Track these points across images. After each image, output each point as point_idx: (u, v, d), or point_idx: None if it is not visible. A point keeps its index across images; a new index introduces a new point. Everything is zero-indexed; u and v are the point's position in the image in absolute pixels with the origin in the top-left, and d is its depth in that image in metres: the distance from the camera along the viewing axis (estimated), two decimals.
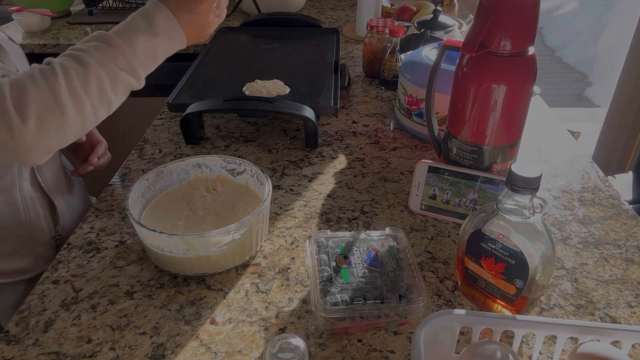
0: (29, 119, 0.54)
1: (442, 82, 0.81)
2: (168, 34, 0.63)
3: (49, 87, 0.56)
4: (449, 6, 1.54)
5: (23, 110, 0.54)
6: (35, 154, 0.57)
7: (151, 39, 0.62)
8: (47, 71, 0.57)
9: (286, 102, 0.94)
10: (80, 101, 0.57)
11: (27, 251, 0.82)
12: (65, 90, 0.56)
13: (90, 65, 0.58)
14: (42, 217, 0.83)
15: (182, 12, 0.64)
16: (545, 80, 3.66)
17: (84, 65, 0.58)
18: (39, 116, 0.55)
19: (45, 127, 0.56)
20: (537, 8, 0.66)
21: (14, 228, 0.79)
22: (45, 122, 0.55)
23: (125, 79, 0.61)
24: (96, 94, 0.59)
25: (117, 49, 0.60)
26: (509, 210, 0.55)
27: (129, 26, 0.62)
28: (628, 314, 0.63)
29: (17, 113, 0.54)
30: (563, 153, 0.97)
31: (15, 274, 0.81)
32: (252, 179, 0.76)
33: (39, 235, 0.83)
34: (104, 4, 1.81)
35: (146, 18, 0.62)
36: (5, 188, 0.76)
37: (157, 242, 0.64)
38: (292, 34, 1.36)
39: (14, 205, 0.78)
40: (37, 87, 0.55)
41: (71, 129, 0.58)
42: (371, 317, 0.58)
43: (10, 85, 0.55)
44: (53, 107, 0.56)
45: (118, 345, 0.58)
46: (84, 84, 0.57)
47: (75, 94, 0.57)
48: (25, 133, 0.54)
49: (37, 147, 0.56)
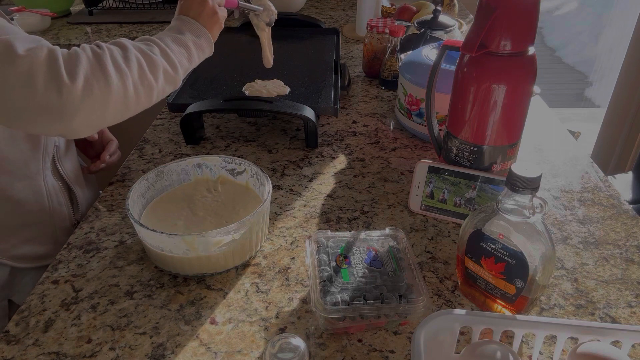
0: (77, 79, 0.58)
1: (442, 82, 0.81)
2: (193, 33, 0.74)
3: (95, 57, 0.62)
4: (449, 6, 1.54)
5: (73, 71, 0.59)
6: (79, 120, 0.60)
7: (179, 37, 0.72)
8: (94, 47, 0.64)
9: (286, 102, 0.94)
10: (122, 74, 0.63)
11: (49, 237, 0.85)
12: (109, 61, 0.62)
13: (129, 48, 0.66)
14: (63, 204, 0.86)
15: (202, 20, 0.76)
16: (545, 80, 3.67)
17: (123, 47, 0.66)
18: (86, 79, 0.59)
19: (91, 92, 0.59)
20: (537, 8, 0.66)
21: (38, 214, 0.82)
22: (92, 87, 0.60)
23: (161, 64, 0.68)
24: (137, 72, 0.65)
25: (151, 41, 0.70)
26: (509, 210, 0.55)
27: (158, 34, 0.73)
28: (628, 314, 0.63)
29: (67, 74, 0.58)
30: (563, 153, 0.97)
31: (37, 259, 0.83)
32: (252, 179, 0.76)
33: (60, 221, 0.86)
34: (104, 4, 1.81)
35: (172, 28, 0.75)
36: (31, 175, 0.79)
37: (157, 242, 0.64)
38: (292, 34, 1.36)
39: (39, 193, 0.81)
40: (87, 55, 0.61)
41: (115, 100, 0.62)
42: (371, 317, 0.58)
43: (62, 51, 0.61)
44: (99, 74, 0.61)
45: (118, 345, 0.58)
46: (125, 61, 0.64)
47: (118, 66, 0.63)
48: (73, 94, 0.58)
49: (82, 113, 0.60)
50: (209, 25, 0.76)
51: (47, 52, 0.59)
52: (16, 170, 0.77)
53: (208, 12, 0.76)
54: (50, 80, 0.57)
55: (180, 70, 0.71)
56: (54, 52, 0.59)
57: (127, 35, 1.58)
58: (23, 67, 0.57)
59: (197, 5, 0.76)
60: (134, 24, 1.69)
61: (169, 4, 1.80)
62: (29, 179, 0.79)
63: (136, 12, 1.78)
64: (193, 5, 0.76)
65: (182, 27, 0.74)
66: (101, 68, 0.61)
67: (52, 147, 0.82)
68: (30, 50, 0.58)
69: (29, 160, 0.78)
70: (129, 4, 1.81)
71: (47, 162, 0.82)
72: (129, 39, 0.69)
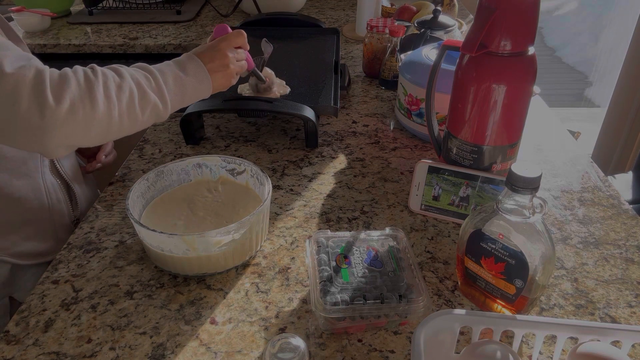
0: (62, 102, 0.58)
1: (442, 82, 0.81)
2: (197, 77, 0.73)
3: (86, 81, 0.61)
4: (449, 6, 1.54)
5: (59, 93, 0.58)
6: (57, 140, 0.60)
7: (182, 77, 0.71)
8: (88, 71, 0.63)
9: (286, 102, 0.94)
10: (111, 103, 0.62)
11: (49, 234, 0.85)
12: (101, 89, 0.62)
13: (126, 78, 0.65)
14: (62, 201, 0.86)
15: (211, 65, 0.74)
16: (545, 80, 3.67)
17: (121, 76, 0.65)
18: (72, 103, 0.59)
19: (74, 115, 0.59)
20: (537, 8, 0.66)
21: (38, 211, 0.82)
22: (76, 110, 0.59)
23: (153, 100, 0.67)
24: (126, 104, 0.64)
25: (151, 74, 0.68)
26: (509, 210, 0.55)
27: (162, 65, 0.72)
28: (628, 314, 0.63)
29: (53, 95, 0.58)
30: (563, 153, 0.97)
31: (37, 256, 0.83)
32: (252, 179, 0.76)
33: (60, 218, 0.86)
34: (104, 4, 1.81)
35: (178, 63, 0.73)
36: (30, 173, 0.80)
37: (157, 242, 0.64)
38: (292, 34, 1.35)
39: (38, 190, 0.81)
40: (77, 78, 0.61)
41: (96, 127, 0.62)
42: (371, 317, 0.58)
43: (51, 72, 0.60)
44: (86, 99, 0.60)
45: (118, 345, 0.58)
46: (118, 91, 0.63)
47: (108, 95, 0.62)
48: (56, 115, 0.58)
49: (61, 134, 0.59)
50: (215, 75, 0.75)
51: (34, 72, 0.58)
52: (15, 168, 0.77)
53: (221, 62, 0.76)
54: (34, 100, 0.57)
55: (170, 108, 0.70)
56: (42, 73, 0.58)
57: (127, 35, 1.58)
58: (8, 85, 0.56)
59: (213, 53, 0.75)
60: (134, 24, 1.69)
61: (169, 4, 1.80)
62: (27, 177, 0.79)
63: (136, 12, 1.78)
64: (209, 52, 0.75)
65: (188, 67, 0.72)
66: (90, 94, 0.60)
67: None
68: (18, 69, 0.57)
69: (27, 158, 0.79)
70: (129, 4, 1.81)
71: (45, 160, 0.82)
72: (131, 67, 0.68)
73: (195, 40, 1.52)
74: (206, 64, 0.74)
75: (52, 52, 1.54)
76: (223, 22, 0.91)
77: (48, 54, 1.54)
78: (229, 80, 0.78)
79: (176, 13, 1.74)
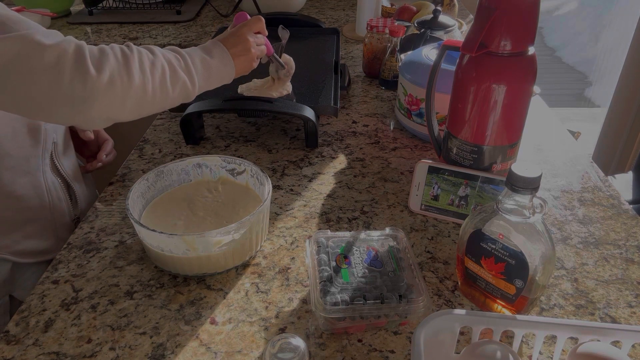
0: (103, 72, 0.61)
1: (442, 82, 0.81)
2: (222, 61, 0.77)
3: (123, 56, 0.64)
4: (449, 6, 1.54)
5: (99, 65, 0.61)
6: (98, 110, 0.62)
7: (208, 59, 0.75)
8: (124, 47, 0.66)
9: (286, 102, 0.94)
10: (145, 77, 0.66)
11: (49, 233, 0.85)
12: (137, 63, 0.65)
13: (158, 56, 0.69)
14: (62, 200, 0.87)
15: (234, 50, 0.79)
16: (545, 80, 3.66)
17: (154, 54, 0.69)
18: (111, 74, 0.62)
19: (113, 86, 0.62)
20: (537, 8, 0.66)
21: (38, 210, 0.82)
22: (115, 81, 0.62)
23: (182, 78, 0.70)
24: (158, 80, 0.67)
25: (180, 55, 0.72)
26: (509, 210, 0.55)
27: (189, 49, 0.76)
28: (628, 314, 0.63)
29: (94, 66, 0.60)
30: (563, 153, 0.97)
31: (38, 255, 0.84)
32: (252, 179, 0.76)
33: (60, 217, 0.86)
34: (104, 4, 1.81)
35: (203, 48, 0.77)
36: (31, 171, 0.80)
37: (157, 242, 0.64)
38: (292, 34, 1.35)
39: (39, 188, 0.82)
40: (114, 53, 0.64)
41: (131, 99, 0.65)
42: (371, 317, 0.58)
43: (90, 46, 0.63)
44: (123, 72, 0.63)
45: (118, 345, 0.58)
46: (152, 67, 0.67)
47: (143, 69, 0.65)
48: (97, 85, 0.60)
49: (101, 105, 0.62)
50: (238, 59, 0.79)
51: (75, 45, 0.60)
52: (17, 167, 0.78)
53: (243, 47, 0.80)
54: (77, 70, 0.59)
55: (197, 88, 0.73)
56: (81, 46, 0.61)
57: (127, 35, 1.58)
58: (52, 57, 0.58)
59: (235, 38, 0.80)
60: (134, 24, 1.69)
61: (169, 4, 1.80)
62: (29, 175, 0.80)
63: (136, 12, 1.78)
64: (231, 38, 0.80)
65: (214, 51, 0.76)
66: (127, 68, 0.63)
67: (50, 144, 0.83)
68: (58, 42, 0.59)
69: (29, 156, 0.79)
70: (129, 4, 1.81)
71: (46, 159, 0.83)
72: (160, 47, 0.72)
73: (195, 40, 1.51)
74: (229, 49, 0.78)
75: None
76: (223, 23, 0.91)
77: None
78: (251, 64, 0.82)
79: (176, 13, 1.74)
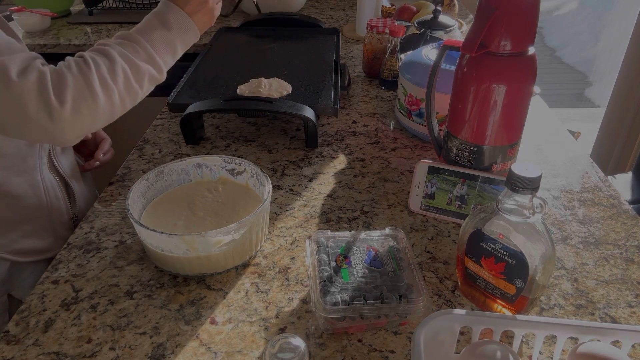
0: (65, 102, 0.62)
1: (442, 82, 0.81)
2: (181, 27, 0.73)
3: (83, 76, 0.64)
4: (449, 6, 1.54)
5: (61, 95, 0.62)
6: (69, 135, 0.64)
7: (166, 34, 0.72)
8: (81, 63, 0.65)
9: (286, 102, 0.94)
10: (109, 90, 0.65)
11: (48, 232, 0.85)
12: (97, 80, 0.64)
13: (116, 59, 0.67)
14: (60, 199, 0.86)
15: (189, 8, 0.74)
16: (545, 80, 3.66)
17: (110, 58, 0.66)
18: (74, 101, 0.62)
19: (79, 112, 0.63)
20: (537, 8, 0.66)
21: (36, 209, 0.82)
22: (80, 107, 0.63)
23: (147, 70, 0.69)
24: (123, 85, 0.67)
25: (138, 43, 0.69)
26: (509, 210, 0.55)
27: (145, 25, 0.72)
28: (628, 314, 0.63)
29: (56, 98, 0.61)
30: (563, 153, 0.97)
31: (36, 254, 0.84)
32: (252, 179, 0.76)
33: (58, 216, 0.86)
34: (104, 4, 1.81)
35: (159, 16, 0.73)
36: (28, 170, 0.80)
37: (157, 242, 0.64)
38: (292, 34, 1.35)
39: (36, 187, 0.82)
40: (73, 76, 0.63)
41: (102, 115, 0.66)
42: (371, 317, 0.58)
43: (50, 72, 0.63)
44: (86, 94, 0.63)
45: (118, 345, 0.58)
46: (112, 75, 0.66)
47: (105, 84, 0.65)
48: (62, 116, 0.62)
49: (71, 130, 0.64)
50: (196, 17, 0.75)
51: (37, 76, 0.61)
52: (13, 166, 0.77)
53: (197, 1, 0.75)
54: (41, 105, 0.61)
55: (164, 70, 0.72)
56: (44, 77, 0.61)
57: None
58: (16, 92, 0.60)
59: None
60: (134, 24, 1.67)
61: None
62: (26, 174, 0.80)
63: (136, 12, 1.78)
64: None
65: (170, 20, 0.72)
66: (89, 88, 0.63)
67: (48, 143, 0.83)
68: (22, 74, 0.61)
69: (25, 155, 0.79)
70: (129, 4, 1.81)
71: (43, 157, 0.82)
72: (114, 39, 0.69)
73: None
74: (184, 8, 0.74)
75: (52, 52, 1.54)
76: (223, 22, 0.90)
77: (48, 54, 1.54)
78: (212, 15, 0.78)
79: None
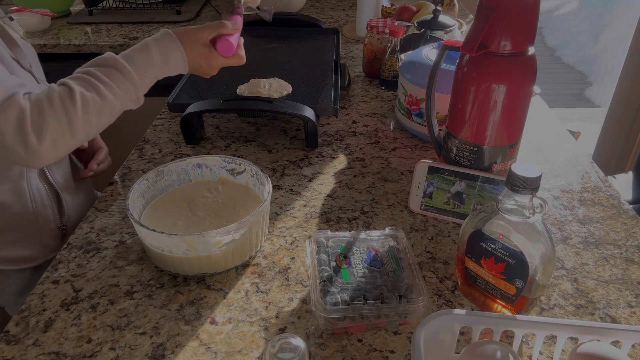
0: (44, 140, 0.62)
1: (442, 82, 0.81)
2: (175, 69, 0.74)
3: (66, 114, 0.63)
4: (449, 6, 1.54)
5: (40, 132, 0.62)
6: (43, 163, 0.65)
7: (161, 72, 0.72)
8: (66, 98, 0.63)
9: (286, 102, 0.94)
10: (90, 127, 0.66)
11: (33, 240, 0.84)
12: (81, 121, 0.64)
13: (108, 99, 0.66)
14: (48, 207, 0.85)
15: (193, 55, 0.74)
16: (545, 80, 3.66)
17: (102, 97, 0.65)
18: (53, 139, 0.62)
19: (56, 147, 0.64)
20: (537, 8, 0.66)
21: (21, 216, 0.81)
22: (57, 143, 0.63)
23: (130, 106, 0.70)
24: (105, 121, 0.68)
25: (131, 82, 0.68)
26: (509, 210, 0.55)
27: (146, 58, 0.70)
28: (628, 314, 0.63)
29: (35, 134, 0.61)
30: (563, 153, 0.97)
31: (21, 262, 0.83)
32: (252, 179, 0.76)
33: (45, 224, 0.85)
34: (104, 4, 1.81)
35: (164, 54, 0.71)
36: (14, 178, 0.79)
37: (157, 242, 0.64)
38: (292, 34, 1.35)
39: (21, 195, 0.80)
40: (55, 113, 0.62)
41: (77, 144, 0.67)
42: (371, 317, 0.58)
43: (31, 108, 0.62)
44: (66, 133, 0.63)
45: (118, 345, 0.58)
46: (98, 115, 0.66)
47: (87, 123, 0.65)
48: (39, 150, 0.62)
49: (46, 159, 0.64)
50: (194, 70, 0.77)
51: (16, 112, 0.61)
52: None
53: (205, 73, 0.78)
54: (18, 139, 0.62)
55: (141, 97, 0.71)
56: (23, 112, 0.61)
57: (127, 35, 1.58)
58: None
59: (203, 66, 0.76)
60: (134, 24, 1.69)
61: (169, 4, 1.80)
62: (10, 182, 0.78)
63: (136, 12, 1.78)
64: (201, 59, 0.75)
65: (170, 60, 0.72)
66: (69, 126, 0.63)
67: None
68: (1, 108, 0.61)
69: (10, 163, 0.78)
70: (129, 4, 1.81)
71: None
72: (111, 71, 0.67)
73: None
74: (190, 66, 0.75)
75: (52, 52, 1.54)
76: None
77: (48, 54, 1.54)
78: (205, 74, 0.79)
79: (176, 13, 1.74)
